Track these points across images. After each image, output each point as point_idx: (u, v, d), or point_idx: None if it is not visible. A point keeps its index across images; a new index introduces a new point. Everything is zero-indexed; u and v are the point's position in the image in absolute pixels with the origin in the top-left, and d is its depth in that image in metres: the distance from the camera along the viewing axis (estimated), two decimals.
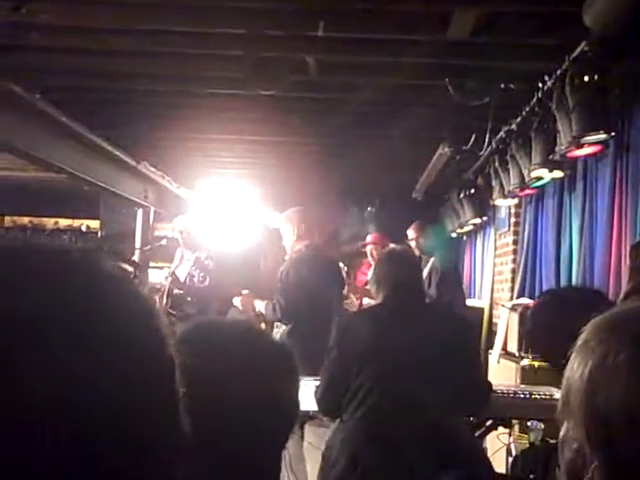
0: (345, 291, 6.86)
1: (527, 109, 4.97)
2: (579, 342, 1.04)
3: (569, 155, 4.22)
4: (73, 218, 11.77)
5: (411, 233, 6.73)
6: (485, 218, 7.64)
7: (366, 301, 7.20)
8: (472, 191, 7.36)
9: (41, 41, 4.34)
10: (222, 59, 4.77)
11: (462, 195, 7.53)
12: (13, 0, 2.87)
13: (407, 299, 3.61)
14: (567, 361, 1.05)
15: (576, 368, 1.01)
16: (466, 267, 9.52)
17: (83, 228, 10.30)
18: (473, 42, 4.21)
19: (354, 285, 7.82)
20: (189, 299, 7.25)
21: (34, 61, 4.93)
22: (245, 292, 5.82)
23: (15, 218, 12.24)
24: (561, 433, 1.06)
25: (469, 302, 7.75)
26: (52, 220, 11.86)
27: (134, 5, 4.06)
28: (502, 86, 4.72)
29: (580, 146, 3.99)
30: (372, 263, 7.57)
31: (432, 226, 7.10)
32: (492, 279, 7.88)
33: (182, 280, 7.41)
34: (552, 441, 3.94)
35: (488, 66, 4.60)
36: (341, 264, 6.89)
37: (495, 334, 6.76)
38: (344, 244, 5.53)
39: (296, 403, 1.30)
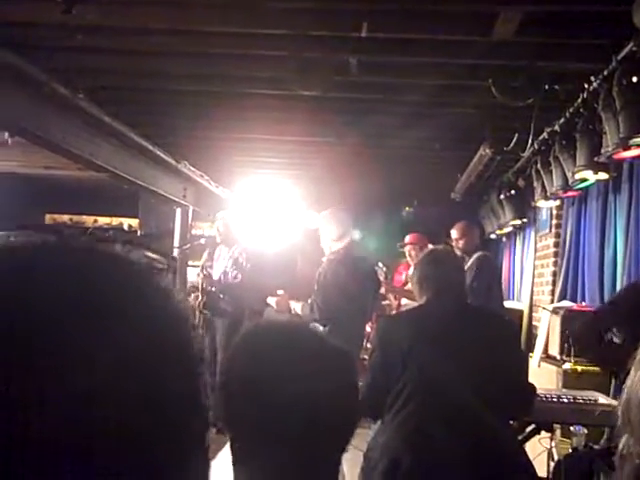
0: (383, 291, 6.83)
1: (571, 110, 4.91)
2: (638, 356, 1.01)
3: (616, 157, 4.16)
4: (112, 216, 11.88)
5: (454, 234, 6.64)
6: (525, 220, 7.58)
7: (404, 301, 7.18)
8: (512, 192, 7.30)
9: (86, 42, 4.38)
10: (265, 60, 4.78)
11: (502, 196, 7.47)
12: (63, 2, 2.90)
13: (451, 300, 3.57)
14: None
15: (637, 383, 0.99)
16: (505, 269, 9.43)
17: (125, 227, 10.39)
18: (518, 42, 4.17)
19: (392, 285, 7.79)
20: (221, 296, 7.28)
21: (78, 61, 4.99)
22: (280, 292, 5.83)
23: (55, 216, 12.39)
24: (620, 447, 1.04)
25: (508, 304, 7.68)
26: (91, 218, 11.98)
27: (178, 6, 4.09)
28: (546, 87, 4.67)
29: (627, 147, 3.93)
30: (410, 263, 7.54)
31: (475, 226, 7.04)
32: (532, 281, 7.80)
33: (217, 277, 7.44)
34: (595, 447, 3.90)
35: (532, 66, 4.55)
36: (380, 264, 6.87)
37: (535, 337, 6.69)
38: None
39: (355, 406, 1.29)
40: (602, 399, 4.15)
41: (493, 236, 8.80)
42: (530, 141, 5.64)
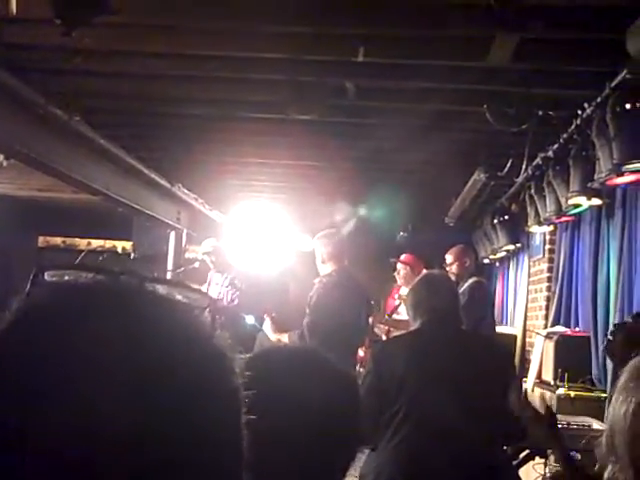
0: (370, 321, 6.78)
1: (565, 136, 4.94)
2: (620, 383, 1.03)
3: (609, 183, 4.19)
4: (105, 239, 11.84)
5: (448, 258, 6.63)
6: (519, 245, 7.60)
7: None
8: (506, 217, 7.32)
9: (82, 65, 4.40)
10: (260, 83, 4.80)
11: (496, 221, 7.49)
12: (63, 25, 2.92)
13: (445, 326, 3.57)
14: None
15: (618, 408, 1.00)
16: (498, 293, 9.44)
17: (119, 250, 10.35)
18: (512, 68, 4.20)
19: (383, 313, 7.77)
20: (217, 317, 7.23)
21: (74, 84, 5.00)
22: (274, 315, 5.77)
23: (48, 238, 12.35)
24: (606, 477, 1.04)
25: (502, 329, 7.68)
26: (85, 241, 11.94)
27: (174, 30, 4.11)
28: (540, 113, 4.70)
29: (621, 174, 3.96)
30: (399, 281, 7.53)
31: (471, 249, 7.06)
32: (525, 306, 7.81)
33: None
34: (589, 472, 3.88)
35: (527, 93, 4.58)
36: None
37: (528, 362, 6.68)
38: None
39: (355, 434, 1.27)
40: (596, 424, 4.15)
41: (486, 261, 8.81)
42: (524, 167, 5.66)
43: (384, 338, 7.12)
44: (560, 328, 6.00)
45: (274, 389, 1.21)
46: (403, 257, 7.64)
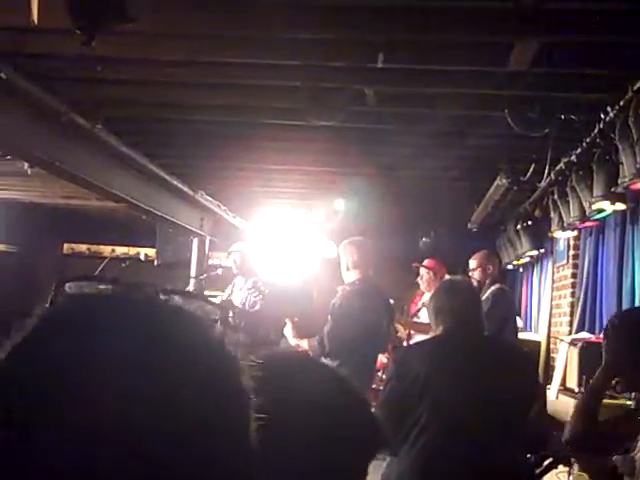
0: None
1: (588, 140, 4.90)
2: None
3: (633, 187, 4.14)
4: (129, 246, 11.92)
5: (472, 264, 6.58)
6: (542, 250, 7.53)
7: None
8: (529, 222, 7.27)
9: (104, 73, 4.43)
10: (281, 90, 4.81)
11: (519, 226, 7.44)
12: (83, 34, 2.94)
13: (467, 332, 3.55)
14: None
15: None
16: (522, 300, 9.37)
17: (142, 257, 10.37)
18: (534, 72, 4.17)
19: (408, 316, 7.75)
20: (237, 321, 7.24)
21: (97, 92, 5.04)
22: (295, 319, 5.77)
23: (73, 245, 12.46)
24: None
25: (526, 335, 7.61)
26: (109, 248, 12.03)
27: (194, 38, 4.13)
28: (562, 117, 4.67)
29: None
30: (420, 286, 7.50)
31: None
32: (549, 312, 7.74)
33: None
34: None
35: (549, 97, 4.55)
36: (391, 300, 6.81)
37: (552, 368, 6.61)
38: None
39: (369, 437, 1.25)
40: None
41: (510, 267, 8.75)
42: (547, 171, 5.62)
43: (404, 340, 7.11)
44: (584, 334, 5.93)
45: (280, 391, 1.19)
46: (426, 262, 7.61)
